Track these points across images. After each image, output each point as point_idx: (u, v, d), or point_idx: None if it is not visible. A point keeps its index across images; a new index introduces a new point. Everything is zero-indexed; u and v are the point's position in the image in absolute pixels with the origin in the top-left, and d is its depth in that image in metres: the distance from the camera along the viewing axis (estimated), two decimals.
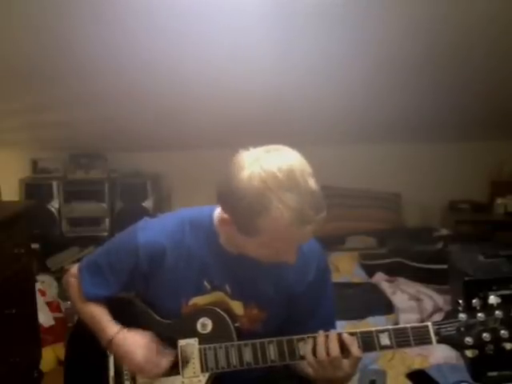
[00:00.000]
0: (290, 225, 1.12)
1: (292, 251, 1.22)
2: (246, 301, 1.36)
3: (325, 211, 1.16)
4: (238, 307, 1.37)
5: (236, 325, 1.35)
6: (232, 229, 1.22)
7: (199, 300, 1.37)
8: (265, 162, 1.13)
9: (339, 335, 1.25)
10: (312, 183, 1.14)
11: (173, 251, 1.35)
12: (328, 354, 1.23)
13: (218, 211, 1.32)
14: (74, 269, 1.48)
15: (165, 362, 1.34)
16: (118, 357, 1.38)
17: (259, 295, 1.36)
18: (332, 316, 1.43)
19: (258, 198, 1.11)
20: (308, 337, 1.27)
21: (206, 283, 1.36)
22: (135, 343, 1.34)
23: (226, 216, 1.21)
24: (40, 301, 2.84)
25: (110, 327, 1.38)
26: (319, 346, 1.24)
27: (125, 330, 1.37)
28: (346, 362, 1.23)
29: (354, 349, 1.23)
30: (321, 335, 1.26)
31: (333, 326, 1.38)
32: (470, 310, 1.21)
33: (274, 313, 1.38)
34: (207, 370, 1.32)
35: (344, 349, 1.24)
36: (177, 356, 1.35)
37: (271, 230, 1.14)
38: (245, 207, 1.13)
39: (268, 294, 1.36)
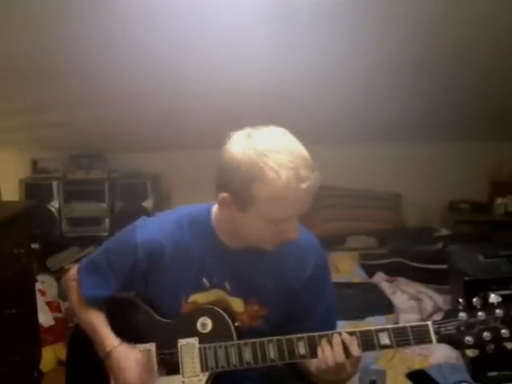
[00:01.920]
0: (287, 184, 1.14)
1: (292, 224, 1.21)
2: (245, 297, 1.36)
3: (317, 172, 1.18)
4: (237, 304, 1.37)
5: (236, 324, 1.34)
6: (231, 210, 1.23)
7: (198, 297, 1.37)
8: (255, 135, 1.20)
9: (339, 335, 1.25)
10: (302, 148, 1.19)
11: (171, 249, 1.35)
12: (334, 359, 1.22)
13: (215, 207, 1.32)
14: (73, 270, 1.49)
15: None
16: (113, 370, 1.35)
17: (259, 291, 1.36)
18: (332, 316, 1.43)
19: (253, 163, 1.15)
20: (308, 336, 1.27)
21: (205, 280, 1.36)
22: (132, 360, 1.33)
23: (224, 195, 1.22)
24: (40, 301, 2.84)
25: (109, 339, 1.37)
26: (326, 352, 1.23)
27: (124, 345, 1.36)
28: (347, 362, 1.23)
29: (354, 348, 1.23)
30: (324, 340, 1.25)
31: (333, 327, 1.38)
32: (471, 309, 1.21)
33: (275, 309, 1.38)
34: (207, 370, 1.32)
35: (344, 349, 1.23)
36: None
37: (269, 193, 1.15)
38: (241, 176, 1.16)
39: (268, 290, 1.36)
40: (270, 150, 1.16)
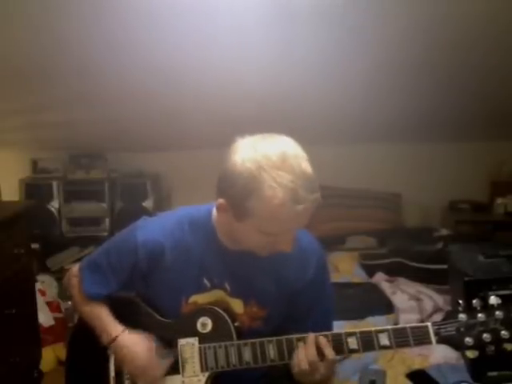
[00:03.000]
0: (282, 204, 1.13)
1: (287, 237, 1.22)
2: (245, 298, 1.37)
3: (318, 193, 1.17)
4: (237, 305, 1.37)
5: (236, 324, 1.35)
6: (228, 216, 1.22)
7: (199, 298, 1.37)
8: (259, 146, 1.16)
9: (316, 338, 1.26)
10: (306, 166, 1.15)
11: (172, 249, 1.35)
12: (307, 358, 1.24)
13: (215, 209, 1.32)
14: (75, 269, 1.49)
15: (165, 365, 1.33)
16: (119, 357, 1.37)
17: (259, 293, 1.36)
18: (331, 317, 1.43)
19: (252, 177, 1.13)
20: (308, 336, 1.27)
21: (205, 281, 1.36)
22: (138, 345, 1.34)
23: (222, 201, 1.22)
24: (40, 301, 2.84)
25: (112, 327, 1.37)
26: (299, 351, 1.25)
27: (127, 331, 1.37)
28: (321, 365, 1.24)
29: (328, 351, 1.24)
30: (299, 340, 1.26)
31: (330, 327, 1.39)
32: (470, 311, 1.21)
33: (275, 311, 1.38)
34: (207, 370, 1.32)
35: (319, 352, 1.24)
36: (176, 358, 1.35)
37: (265, 210, 1.14)
38: (239, 188, 1.15)
39: (268, 292, 1.36)
40: (272, 165, 1.13)
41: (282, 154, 1.14)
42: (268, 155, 1.14)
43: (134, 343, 1.34)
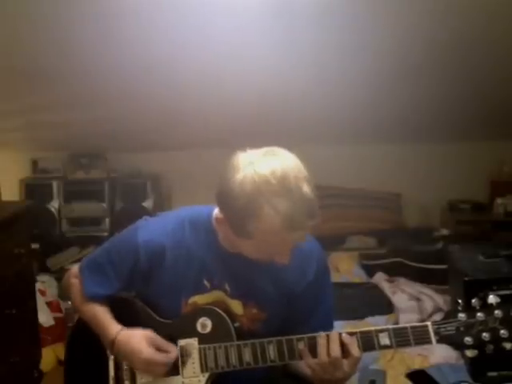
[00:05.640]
0: (280, 230, 1.13)
1: (285, 253, 1.23)
2: (245, 300, 1.37)
3: (317, 217, 1.16)
4: (237, 307, 1.37)
5: (236, 325, 1.35)
6: (227, 229, 1.23)
7: (199, 299, 1.37)
8: (259, 166, 1.13)
9: (339, 335, 1.25)
10: (306, 189, 1.13)
11: (172, 250, 1.35)
12: (329, 355, 1.23)
13: (216, 210, 1.32)
14: (75, 269, 1.49)
15: (170, 356, 1.32)
16: (122, 356, 1.36)
17: (258, 295, 1.36)
18: (331, 321, 1.43)
19: (250, 202, 1.12)
20: (308, 337, 1.27)
21: (205, 282, 1.36)
22: (139, 341, 1.33)
23: (221, 216, 1.24)
24: (40, 301, 2.84)
25: (111, 327, 1.37)
26: (321, 347, 1.24)
27: (126, 329, 1.36)
28: (345, 362, 1.23)
29: (354, 349, 1.23)
30: (322, 336, 1.25)
31: (331, 327, 1.39)
32: (470, 310, 1.21)
33: (274, 313, 1.37)
34: (207, 370, 1.32)
35: (344, 349, 1.23)
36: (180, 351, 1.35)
37: (262, 233, 1.15)
38: (237, 210, 1.15)
39: (267, 294, 1.36)
40: (271, 190, 1.11)
41: (282, 176, 1.11)
42: (266, 178, 1.11)
43: (135, 339, 1.33)
